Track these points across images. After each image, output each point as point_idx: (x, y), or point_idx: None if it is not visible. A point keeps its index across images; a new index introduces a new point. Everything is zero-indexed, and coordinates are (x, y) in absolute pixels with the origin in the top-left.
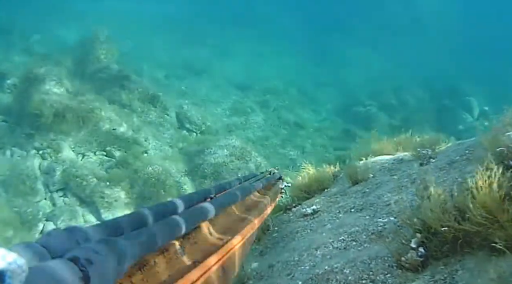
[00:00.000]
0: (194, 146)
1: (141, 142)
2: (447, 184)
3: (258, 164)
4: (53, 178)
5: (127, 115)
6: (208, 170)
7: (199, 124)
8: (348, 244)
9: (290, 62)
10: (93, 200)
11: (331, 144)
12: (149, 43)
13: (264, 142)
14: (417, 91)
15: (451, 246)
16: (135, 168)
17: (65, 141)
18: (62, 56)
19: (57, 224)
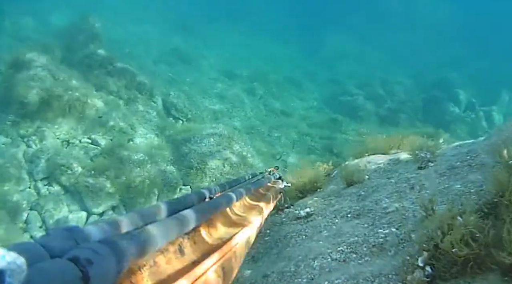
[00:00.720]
0: (180, 134)
1: (127, 130)
2: (451, 195)
3: (244, 154)
4: (37, 167)
5: (114, 102)
6: (195, 159)
7: (186, 112)
8: (347, 256)
9: (279, 51)
10: (78, 190)
11: (318, 132)
12: (139, 30)
13: (251, 130)
14: (405, 82)
15: (461, 268)
16: (121, 156)
17: (51, 129)
18: (50, 42)
19: (41, 213)
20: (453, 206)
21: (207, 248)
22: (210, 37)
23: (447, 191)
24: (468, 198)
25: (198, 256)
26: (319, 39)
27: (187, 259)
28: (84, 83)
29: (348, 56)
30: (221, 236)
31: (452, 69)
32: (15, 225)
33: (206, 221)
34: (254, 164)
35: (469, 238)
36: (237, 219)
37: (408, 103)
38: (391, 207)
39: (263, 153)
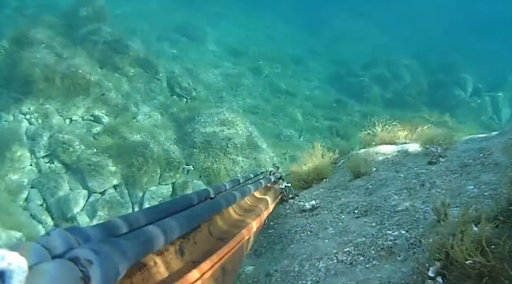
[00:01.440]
0: (184, 112)
1: (131, 107)
2: (464, 197)
3: (248, 134)
4: (39, 144)
5: (118, 80)
6: (198, 139)
7: (190, 90)
8: (354, 259)
9: (283, 29)
10: (80, 168)
11: (322, 113)
12: (143, 5)
13: (255, 109)
14: (412, 65)
15: (474, 282)
16: (124, 135)
17: (53, 106)
18: (53, 18)
19: (42, 191)
20: (467, 212)
21: (208, 249)
22: (215, 13)
23: (459, 192)
24: (482, 202)
25: (198, 256)
26: (323, 18)
27: (188, 260)
28: (88, 60)
29: (353, 36)
30: (221, 236)
31: (459, 53)
32: (16, 203)
33: (207, 221)
34: (259, 144)
35: (484, 249)
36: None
37: (414, 86)
38: (400, 206)
39: (267, 133)
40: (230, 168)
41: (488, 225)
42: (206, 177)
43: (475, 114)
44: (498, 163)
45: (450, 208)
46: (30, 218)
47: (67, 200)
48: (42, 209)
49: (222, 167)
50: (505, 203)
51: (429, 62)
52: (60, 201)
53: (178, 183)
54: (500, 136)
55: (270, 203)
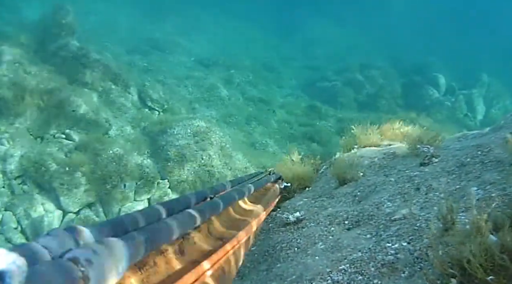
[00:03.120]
0: (156, 125)
1: (102, 123)
2: (469, 199)
3: (223, 144)
4: (11, 165)
5: (88, 95)
6: (172, 151)
7: (162, 102)
8: (352, 278)
9: (254, 36)
10: (53, 187)
11: (296, 120)
12: (112, 18)
13: (228, 119)
14: (384, 67)
15: None
16: (96, 151)
17: (23, 124)
18: (22, 33)
19: (16, 213)
20: (481, 217)
21: (207, 249)
22: (184, 23)
23: (462, 195)
24: (491, 205)
25: (198, 256)
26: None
27: (187, 259)
28: (57, 76)
29: (325, 41)
30: (221, 236)
31: (431, 53)
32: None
33: (207, 221)
34: (233, 155)
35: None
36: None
37: (387, 88)
38: (396, 214)
39: (241, 142)
40: (206, 179)
41: (510, 233)
42: (182, 191)
43: (450, 113)
44: (501, 160)
45: (457, 213)
46: (5, 242)
47: (41, 222)
48: (17, 232)
49: (198, 179)
50: None
51: (402, 63)
52: (35, 223)
53: (153, 198)
54: (496, 131)
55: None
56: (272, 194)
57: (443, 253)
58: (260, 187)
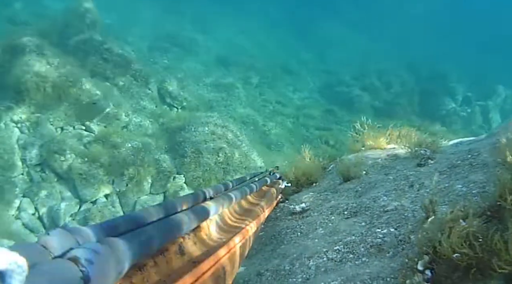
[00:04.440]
0: (175, 122)
1: (121, 116)
2: (452, 195)
3: (239, 143)
4: (31, 153)
5: (108, 89)
6: (189, 148)
7: (181, 100)
8: (344, 256)
9: (273, 39)
10: (71, 177)
11: (313, 123)
12: (133, 15)
13: (246, 119)
14: (402, 75)
15: (462, 274)
16: (114, 144)
17: (45, 114)
18: (45, 26)
19: (34, 200)
20: (455, 208)
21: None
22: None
23: (448, 191)
24: (470, 199)
25: (198, 256)
26: (314, 28)
27: (187, 259)
28: (79, 69)
29: (343, 45)
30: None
31: (448, 61)
32: (7, 212)
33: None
34: (248, 154)
35: (471, 241)
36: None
37: (404, 96)
38: (389, 206)
39: (257, 142)
40: (220, 177)
41: (476, 220)
42: (197, 187)
43: (465, 123)
44: (487, 163)
45: (439, 206)
46: (23, 227)
47: (58, 209)
48: (34, 218)
49: (213, 176)
50: (492, 200)
51: (419, 71)
52: (52, 210)
53: (169, 192)
54: (489, 138)
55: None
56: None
57: (422, 236)
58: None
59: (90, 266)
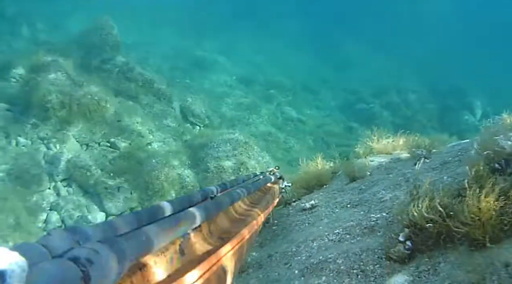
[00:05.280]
0: (197, 139)
1: (145, 134)
2: (439, 184)
3: (260, 159)
4: (57, 168)
5: (132, 107)
6: (211, 163)
7: (203, 118)
8: (342, 237)
9: (294, 58)
10: (97, 191)
11: (334, 140)
12: (154, 35)
13: (267, 137)
14: (420, 91)
15: (435, 241)
16: (139, 159)
17: (70, 132)
18: (68, 46)
19: (60, 213)
20: (433, 190)
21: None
22: (225, 42)
23: (437, 182)
24: (451, 185)
25: (198, 256)
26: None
27: (188, 259)
28: (103, 88)
29: (362, 63)
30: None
31: (467, 76)
32: (34, 224)
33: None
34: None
35: (442, 214)
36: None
37: (423, 112)
38: (385, 197)
39: (279, 159)
40: None
41: (449, 197)
42: None
43: None
44: (473, 158)
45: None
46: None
47: (85, 222)
48: None
49: None
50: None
51: (437, 86)
52: (78, 223)
53: None
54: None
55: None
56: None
57: (405, 214)
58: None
59: (91, 266)
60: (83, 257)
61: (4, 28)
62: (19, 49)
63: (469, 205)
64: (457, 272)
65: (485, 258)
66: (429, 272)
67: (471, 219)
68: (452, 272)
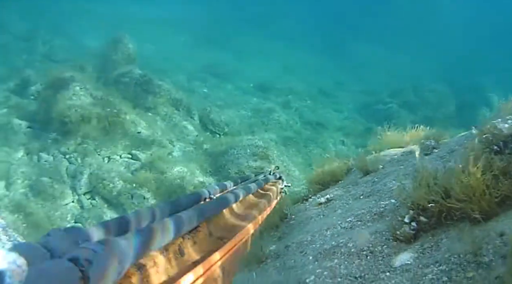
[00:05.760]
0: (217, 147)
1: (166, 144)
2: (444, 169)
3: (280, 163)
4: (80, 182)
5: (151, 119)
6: (232, 170)
7: (222, 126)
8: (354, 224)
9: (308, 63)
10: (120, 202)
11: (354, 142)
12: (169, 47)
13: (287, 141)
14: (438, 88)
15: (437, 220)
16: (161, 169)
17: (91, 145)
18: (84, 62)
19: (85, 225)
20: (434, 172)
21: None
22: (239, 50)
23: (442, 168)
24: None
25: (198, 256)
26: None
27: (187, 260)
28: (122, 101)
29: (376, 64)
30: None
31: (485, 72)
32: None
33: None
34: (291, 173)
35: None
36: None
37: (441, 109)
38: (395, 186)
39: (299, 163)
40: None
41: (446, 178)
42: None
43: None
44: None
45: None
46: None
47: None
48: None
49: None
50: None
51: (455, 83)
52: None
53: None
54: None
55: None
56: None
57: (409, 198)
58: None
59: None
60: (82, 257)
61: (21, 46)
62: (36, 66)
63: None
64: (456, 245)
65: (482, 231)
66: (432, 248)
67: (464, 195)
68: (452, 245)
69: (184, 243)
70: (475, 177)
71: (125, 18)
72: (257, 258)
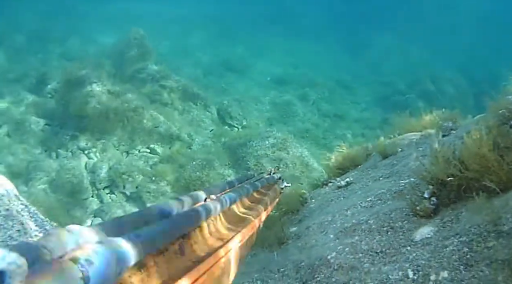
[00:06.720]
0: (236, 140)
1: (184, 138)
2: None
3: (299, 155)
4: (99, 176)
5: (169, 113)
6: (251, 161)
7: (240, 119)
8: (374, 203)
9: (324, 56)
10: (140, 195)
11: (372, 133)
12: (185, 42)
13: (305, 133)
14: (455, 78)
15: (457, 193)
16: (179, 162)
17: (109, 140)
18: (101, 59)
19: (105, 219)
20: (453, 149)
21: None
22: (255, 44)
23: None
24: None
25: (198, 256)
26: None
27: (188, 259)
28: (139, 96)
29: (394, 55)
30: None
31: (501, 61)
32: None
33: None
34: (310, 164)
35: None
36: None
37: (459, 99)
38: (414, 166)
39: (317, 154)
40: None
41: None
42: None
43: None
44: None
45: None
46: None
47: None
48: None
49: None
50: None
51: (472, 73)
52: None
53: None
54: None
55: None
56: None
57: (428, 173)
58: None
59: (90, 266)
60: (83, 257)
61: (37, 45)
62: (52, 64)
63: (471, 152)
64: (476, 216)
65: (501, 201)
66: (452, 221)
67: (478, 166)
68: (471, 217)
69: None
70: (488, 147)
71: (140, 16)
72: (278, 239)
